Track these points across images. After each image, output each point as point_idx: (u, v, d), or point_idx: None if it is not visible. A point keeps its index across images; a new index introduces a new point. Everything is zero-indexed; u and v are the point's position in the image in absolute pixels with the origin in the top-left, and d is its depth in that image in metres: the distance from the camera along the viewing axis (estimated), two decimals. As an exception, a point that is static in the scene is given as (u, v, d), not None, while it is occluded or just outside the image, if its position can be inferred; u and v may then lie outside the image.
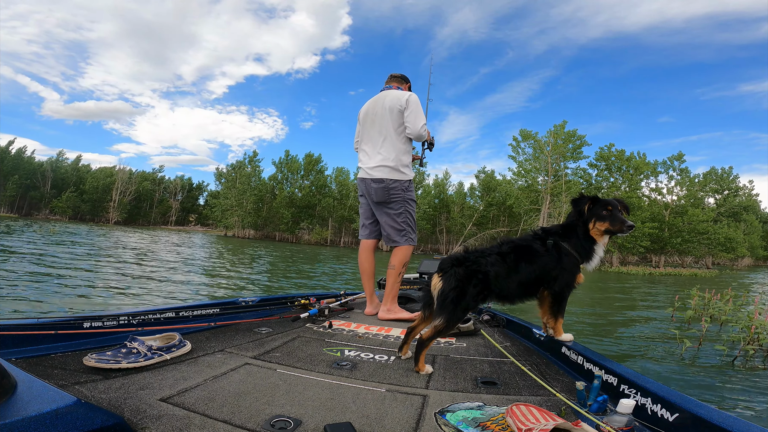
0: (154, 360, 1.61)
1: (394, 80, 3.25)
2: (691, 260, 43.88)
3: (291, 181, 55.85)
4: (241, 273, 11.71)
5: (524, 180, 41.17)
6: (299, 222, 53.56)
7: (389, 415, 1.29)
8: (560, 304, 2.01)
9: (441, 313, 1.76)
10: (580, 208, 2.01)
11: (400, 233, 3.06)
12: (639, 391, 1.41)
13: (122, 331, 1.92)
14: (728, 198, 49.27)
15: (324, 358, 1.90)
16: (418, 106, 3.02)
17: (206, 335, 2.14)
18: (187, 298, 7.06)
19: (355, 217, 49.15)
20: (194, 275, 10.20)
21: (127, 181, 70.96)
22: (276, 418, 1.21)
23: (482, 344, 2.36)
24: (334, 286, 10.77)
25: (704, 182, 47.11)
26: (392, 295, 2.99)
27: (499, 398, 1.52)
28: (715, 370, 4.56)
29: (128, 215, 69.90)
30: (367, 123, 3.16)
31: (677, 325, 6.92)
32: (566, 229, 2.03)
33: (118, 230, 37.97)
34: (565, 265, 1.94)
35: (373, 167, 3.05)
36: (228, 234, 55.34)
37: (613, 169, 40.41)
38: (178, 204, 78.50)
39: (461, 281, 1.77)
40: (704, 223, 39.94)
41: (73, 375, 1.42)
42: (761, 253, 55.05)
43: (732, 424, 1.08)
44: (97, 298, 6.19)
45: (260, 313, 2.72)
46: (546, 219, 37.57)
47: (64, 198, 65.15)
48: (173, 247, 20.42)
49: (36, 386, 0.93)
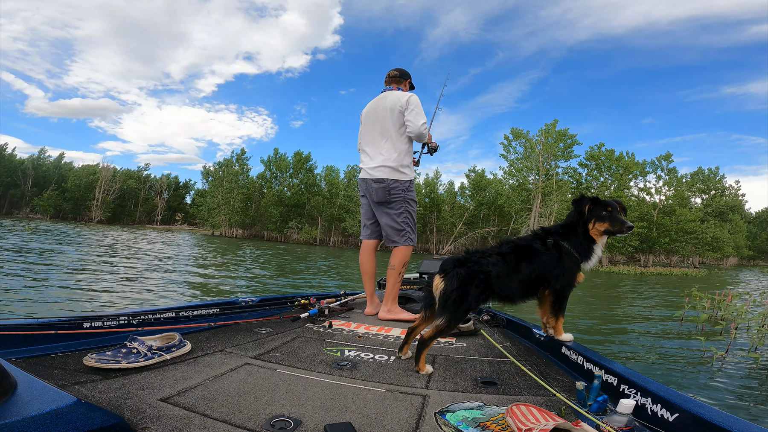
0: (154, 360, 1.61)
1: (393, 80, 3.24)
2: (677, 259, 44.28)
3: (280, 180, 55.23)
4: (224, 276, 11.11)
5: (515, 179, 41.16)
6: (288, 221, 52.93)
7: (389, 415, 1.29)
8: (561, 303, 2.02)
9: (443, 314, 1.76)
10: (581, 208, 2.03)
11: (399, 233, 3.06)
12: (639, 391, 1.41)
13: (122, 331, 1.92)
14: (715, 198, 49.76)
15: (324, 358, 1.89)
16: (418, 106, 3.03)
17: (206, 335, 2.14)
18: (177, 300, 6.80)
19: (345, 216, 48.82)
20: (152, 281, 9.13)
21: (111, 179, 69.23)
22: (276, 418, 1.21)
23: (482, 344, 2.36)
24: (332, 286, 10.61)
25: (692, 182, 47.59)
26: (393, 295, 2.99)
27: (499, 398, 1.52)
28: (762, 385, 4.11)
29: (112, 214, 68.42)
30: (368, 124, 3.18)
31: (688, 329, 6.59)
32: (566, 229, 2.05)
33: (98, 229, 37.01)
34: (566, 263, 1.95)
35: (374, 167, 3.06)
36: (215, 233, 54.42)
37: (602, 169, 40.59)
38: (164, 203, 76.74)
39: (463, 282, 1.78)
40: (692, 223, 40.39)
41: (73, 375, 1.41)
42: (746, 252, 55.80)
43: (732, 424, 1.07)
44: (53, 302, 5.74)
45: (260, 313, 2.72)
46: (537, 218, 37.56)
47: (46, 196, 63.73)
48: (142, 246, 19.34)
49: (36, 386, 0.92)
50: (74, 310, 5.41)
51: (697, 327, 6.81)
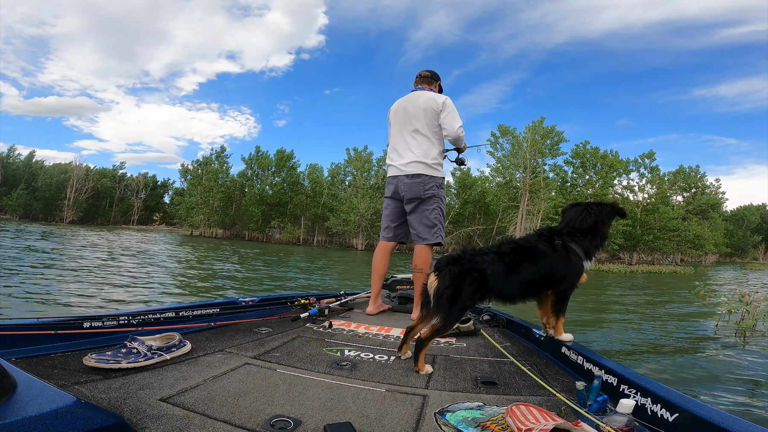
0: (154, 360, 1.61)
1: (424, 80, 3.25)
2: (658, 256, 44.65)
3: (261, 178, 53.83)
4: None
5: (502, 176, 40.90)
6: (270, 220, 51.61)
7: (389, 415, 1.29)
8: (563, 303, 2.02)
9: (437, 312, 1.76)
10: (606, 213, 2.08)
11: (430, 230, 3.03)
12: (639, 391, 1.41)
13: (122, 331, 1.91)
14: (696, 195, 50.42)
15: (324, 358, 1.88)
16: (453, 109, 3.05)
17: (206, 335, 2.13)
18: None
19: (329, 215, 47.83)
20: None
21: (84, 178, 65.46)
22: (276, 418, 1.21)
23: (482, 344, 2.35)
24: (331, 285, 10.38)
25: (673, 180, 48.09)
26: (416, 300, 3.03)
27: (499, 398, 1.51)
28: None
29: (85, 214, 64.72)
30: (398, 122, 3.15)
31: (727, 336, 5.88)
32: (575, 230, 2.03)
33: (66, 229, 34.92)
34: (573, 265, 1.94)
35: (406, 163, 3.03)
36: (194, 233, 52.41)
37: (588, 167, 40.62)
38: (141, 202, 73.46)
39: (456, 279, 1.77)
40: (674, 221, 40.75)
41: (73, 375, 1.41)
42: (725, 250, 56.85)
43: (732, 424, 1.07)
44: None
45: (260, 313, 2.71)
46: (524, 216, 37.29)
47: (15, 196, 60.84)
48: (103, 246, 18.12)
49: (36, 386, 0.92)
50: (74, 310, 5.32)
51: (737, 334, 6.17)
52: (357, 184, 47.55)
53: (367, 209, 43.58)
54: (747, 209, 74.11)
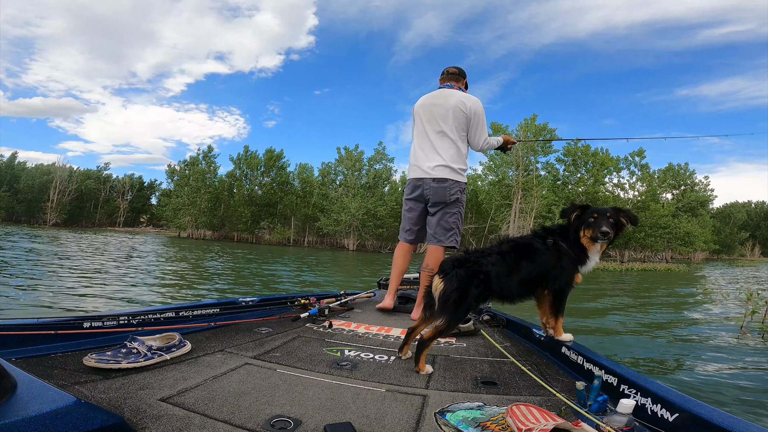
0: (154, 360, 1.61)
1: (451, 77, 3.19)
2: (648, 254, 44.82)
3: (250, 178, 52.91)
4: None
5: (495, 174, 40.70)
6: (259, 221, 50.78)
7: (389, 415, 1.28)
8: (560, 303, 2.04)
9: (443, 314, 1.76)
10: (567, 216, 2.07)
11: (447, 233, 3.03)
12: (639, 391, 1.40)
13: (122, 331, 1.91)
14: (685, 193, 50.72)
15: (324, 358, 1.88)
16: (482, 119, 3.04)
17: (206, 335, 2.13)
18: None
19: (320, 215, 47.21)
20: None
21: (67, 180, 64.40)
22: (276, 418, 1.20)
23: (482, 344, 2.35)
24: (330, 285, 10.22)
25: (663, 178, 48.30)
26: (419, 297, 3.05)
27: (499, 398, 1.51)
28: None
29: (69, 216, 63.70)
30: (424, 120, 3.10)
31: (757, 338, 5.49)
32: (565, 231, 2.05)
33: (47, 232, 33.78)
34: (564, 263, 1.97)
35: (433, 167, 3.01)
36: (182, 235, 51.49)
37: (579, 164, 40.59)
38: (127, 204, 72.45)
39: (463, 282, 1.78)
40: (665, 218, 40.90)
41: (73, 375, 1.41)
42: (713, 247, 57.38)
43: (732, 424, 1.07)
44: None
45: (260, 313, 2.71)
46: (517, 214, 37.11)
47: (-4, 198, 59.72)
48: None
49: (36, 386, 0.92)
50: (74, 310, 5.34)
51: (764, 336, 5.79)
52: (348, 183, 46.99)
53: (358, 209, 43.06)
54: (733, 206, 75.38)
